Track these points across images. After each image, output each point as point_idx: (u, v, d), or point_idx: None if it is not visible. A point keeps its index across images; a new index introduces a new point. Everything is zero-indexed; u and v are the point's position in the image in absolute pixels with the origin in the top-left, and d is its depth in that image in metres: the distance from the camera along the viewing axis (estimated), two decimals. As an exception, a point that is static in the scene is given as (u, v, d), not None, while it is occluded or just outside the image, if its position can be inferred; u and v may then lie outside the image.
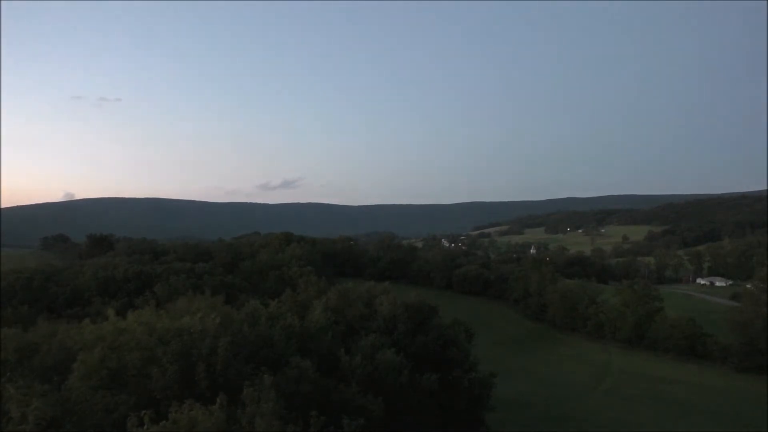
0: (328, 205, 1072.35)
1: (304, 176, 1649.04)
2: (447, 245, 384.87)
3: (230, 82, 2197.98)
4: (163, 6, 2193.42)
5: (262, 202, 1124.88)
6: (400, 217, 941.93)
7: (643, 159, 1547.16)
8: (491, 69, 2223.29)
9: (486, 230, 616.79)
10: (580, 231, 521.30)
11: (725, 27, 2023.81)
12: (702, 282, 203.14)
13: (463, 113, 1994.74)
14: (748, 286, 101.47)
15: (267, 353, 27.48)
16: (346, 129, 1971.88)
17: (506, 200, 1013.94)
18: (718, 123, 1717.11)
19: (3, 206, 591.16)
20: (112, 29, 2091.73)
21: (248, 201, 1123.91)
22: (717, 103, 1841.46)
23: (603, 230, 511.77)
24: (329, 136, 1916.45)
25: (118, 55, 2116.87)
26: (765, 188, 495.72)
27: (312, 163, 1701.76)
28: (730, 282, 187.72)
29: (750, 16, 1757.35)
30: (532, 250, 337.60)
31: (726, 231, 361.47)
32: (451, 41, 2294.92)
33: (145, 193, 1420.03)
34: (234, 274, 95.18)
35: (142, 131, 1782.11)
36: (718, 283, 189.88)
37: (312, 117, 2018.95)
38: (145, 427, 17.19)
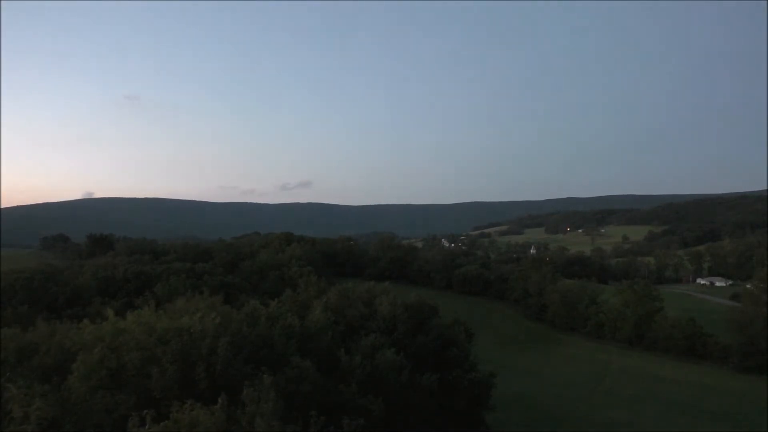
0: (328, 205, 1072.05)
1: (313, 178, 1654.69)
2: (447, 245, 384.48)
3: (250, 88, 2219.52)
4: (184, 6, 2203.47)
5: (264, 202, 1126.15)
6: (400, 217, 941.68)
7: (644, 159, 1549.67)
8: (491, 69, 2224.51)
9: (486, 230, 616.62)
10: (580, 231, 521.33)
11: (725, 27, 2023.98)
12: (702, 282, 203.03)
13: (463, 113, 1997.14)
14: (748, 286, 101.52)
15: (267, 353, 27.43)
16: (347, 130, 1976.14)
17: (506, 200, 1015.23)
18: (718, 123, 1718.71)
19: (4, 206, 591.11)
20: (133, 28, 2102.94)
21: (250, 201, 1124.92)
22: (717, 103, 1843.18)
23: (603, 230, 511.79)
24: (330, 137, 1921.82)
25: (146, 55, 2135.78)
26: (765, 188, 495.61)
27: (318, 164, 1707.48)
28: (730, 282, 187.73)
29: (750, 15, 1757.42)
30: (532, 250, 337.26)
31: (726, 231, 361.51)
32: (451, 42, 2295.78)
33: (160, 193, 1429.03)
34: (234, 274, 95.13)
35: (167, 131, 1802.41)
36: (718, 283, 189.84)
37: (313, 119, 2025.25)
38: (147, 426, 17.17)
